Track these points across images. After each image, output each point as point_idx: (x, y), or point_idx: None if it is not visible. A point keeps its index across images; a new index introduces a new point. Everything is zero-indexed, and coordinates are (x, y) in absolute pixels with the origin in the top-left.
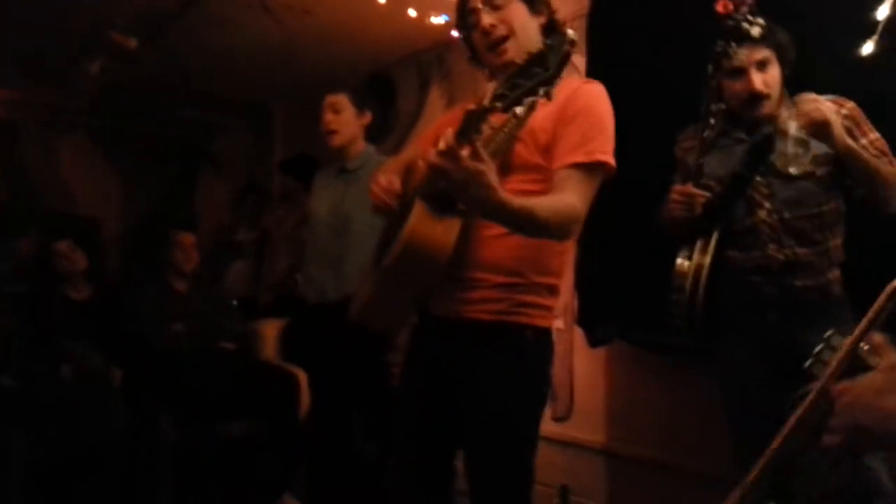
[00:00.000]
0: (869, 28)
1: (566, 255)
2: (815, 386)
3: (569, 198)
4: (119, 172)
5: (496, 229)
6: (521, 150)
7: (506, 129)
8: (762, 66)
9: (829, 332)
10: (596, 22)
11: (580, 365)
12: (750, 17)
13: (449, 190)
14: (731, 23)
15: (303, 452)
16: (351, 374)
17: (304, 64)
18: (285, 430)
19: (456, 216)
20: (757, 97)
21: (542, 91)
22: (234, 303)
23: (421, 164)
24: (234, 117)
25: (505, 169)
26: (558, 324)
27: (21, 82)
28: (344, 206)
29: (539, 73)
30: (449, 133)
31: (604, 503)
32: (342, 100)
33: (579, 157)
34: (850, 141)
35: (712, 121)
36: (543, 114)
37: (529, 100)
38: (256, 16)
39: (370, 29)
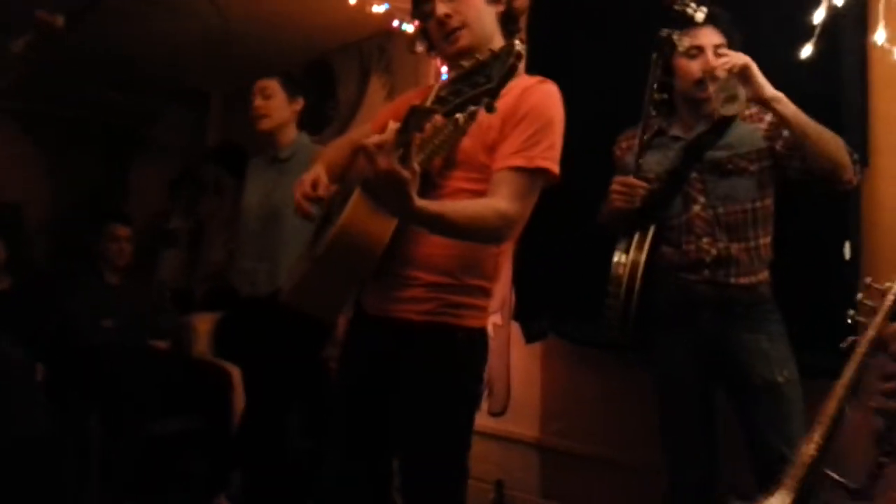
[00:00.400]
0: (806, 31)
1: (502, 257)
2: (866, 333)
3: (497, 202)
4: (45, 157)
5: None
6: (467, 146)
7: (445, 132)
8: (717, 50)
9: (868, 279)
10: (537, 15)
11: (517, 360)
12: (694, 4)
13: (373, 184)
14: (676, 8)
15: (237, 451)
16: (286, 369)
17: (243, 50)
18: (218, 428)
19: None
20: (711, 78)
21: (484, 101)
22: (167, 295)
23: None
24: (169, 103)
25: (449, 164)
26: (496, 319)
27: None
28: (275, 197)
29: (482, 82)
30: (391, 127)
31: (539, 497)
32: (272, 84)
33: (519, 161)
34: (773, 90)
35: (654, 112)
36: (490, 116)
37: (471, 108)
38: None
39: (311, 16)
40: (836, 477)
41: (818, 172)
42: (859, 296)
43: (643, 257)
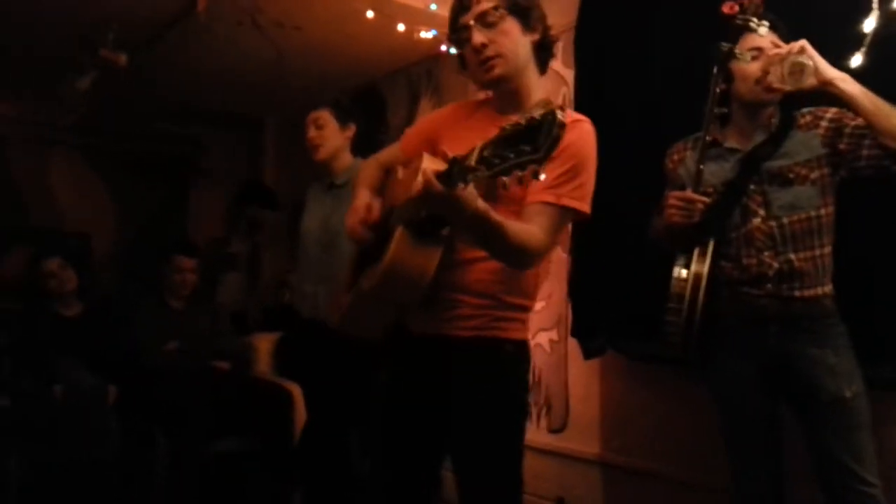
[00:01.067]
0: (857, 40)
1: (539, 278)
2: None
3: (535, 231)
4: (109, 188)
5: (471, 254)
6: (511, 186)
7: (486, 182)
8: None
9: None
10: (583, 35)
11: (575, 376)
12: (754, 19)
13: (432, 212)
14: (738, 21)
15: (298, 470)
16: (346, 388)
17: (295, 79)
18: (279, 447)
19: (437, 244)
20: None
21: (530, 168)
22: (227, 317)
23: (400, 175)
24: (224, 132)
25: (489, 198)
26: (552, 335)
27: (9, 97)
28: (333, 222)
29: (528, 151)
30: (429, 171)
31: None
32: (324, 115)
33: (549, 198)
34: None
35: (712, 126)
36: None
37: (517, 174)
38: (247, 32)
39: (359, 44)
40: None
41: (892, 150)
42: None
43: (705, 271)
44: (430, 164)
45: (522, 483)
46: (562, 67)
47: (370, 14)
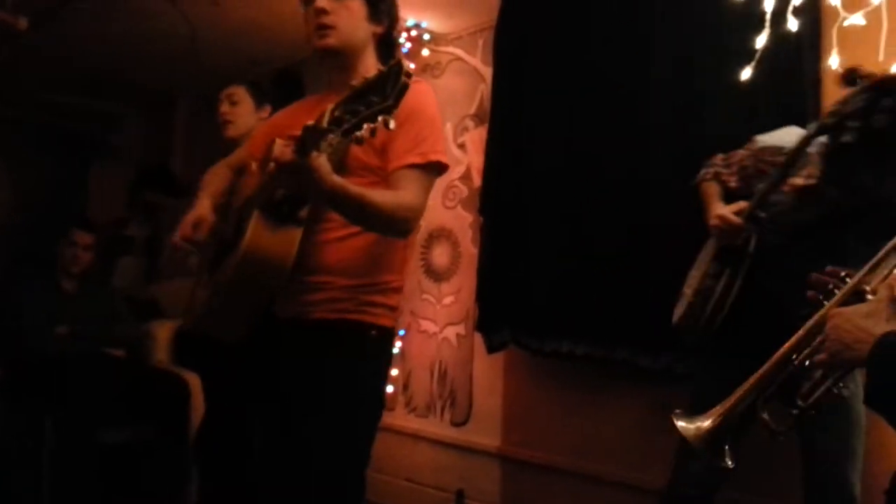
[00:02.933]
0: (748, 55)
1: (409, 251)
2: (818, 312)
3: (405, 195)
4: (3, 161)
5: (337, 233)
6: (358, 152)
7: (341, 146)
8: None
9: (843, 272)
10: (503, 33)
11: (479, 370)
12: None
13: (289, 191)
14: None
15: (194, 462)
16: (248, 377)
17: (210, 57)
18: (174, 438)
19: (296, 225)
20: None
21: (380, 119)
22: (124, 302)
23: (253, 168)
24: (133, 108)
25: (341, 170)
26: (458, 329)
27: None
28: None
29: (376, 101)
30: (281, 146)
31: None
32: (240, 91)
33: (414, 158)
34: None
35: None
36: None
37: (369, 126)
38: (161, 4)
39: (280, 25)
40: (765, 417)
41: None
42: None
43: (738, 281)
44: (282, 144)
45: (366, 467)
46: (480, 65)
47: None
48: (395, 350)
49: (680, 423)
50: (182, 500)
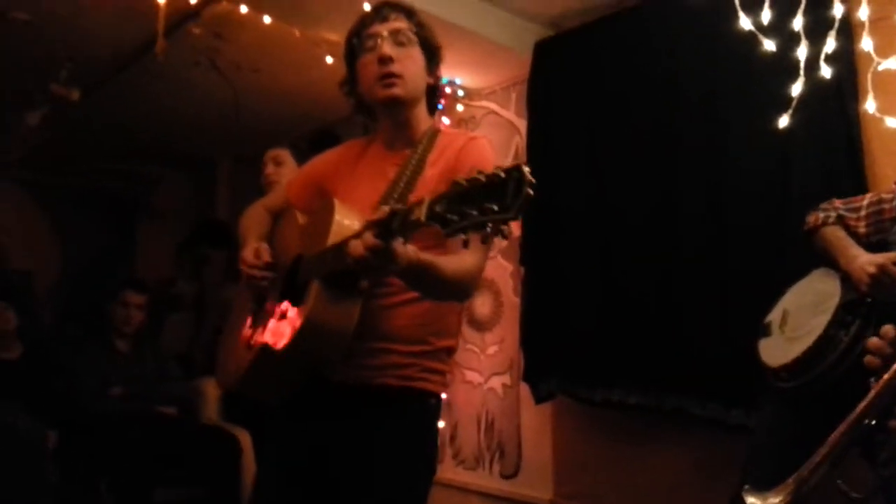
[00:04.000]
0: (785, 103)
1: (461, 316)
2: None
3: (468, 261)
4: (53, 225)
5: (397, 297)
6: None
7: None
8: None
9: None
10: (536, 87)
11: (527, 421)
12: None
13: (363, 271)
14: None
15: None
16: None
17: (251, 120)
18: (226, 496)
19: (357, 296)
20: None
21: (500, 229)
22: (174, 360)
23: (300, 220)
24: (176, 171)
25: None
26: (505, 380)
27: None
28: None
29: (494, 210)
30: (370, 237)
31: None
32: (284, 154)
33: None
34: None
35: None
36: (436, 173)
37: (485, 233)
38: (204, 73)
39: (317, 87)
40: (841, 484)
41: None
42: None
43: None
44: (344, 218)
45: None
46: (515, 117)
47: (329, 60)
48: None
49: (750, 500)
50: None
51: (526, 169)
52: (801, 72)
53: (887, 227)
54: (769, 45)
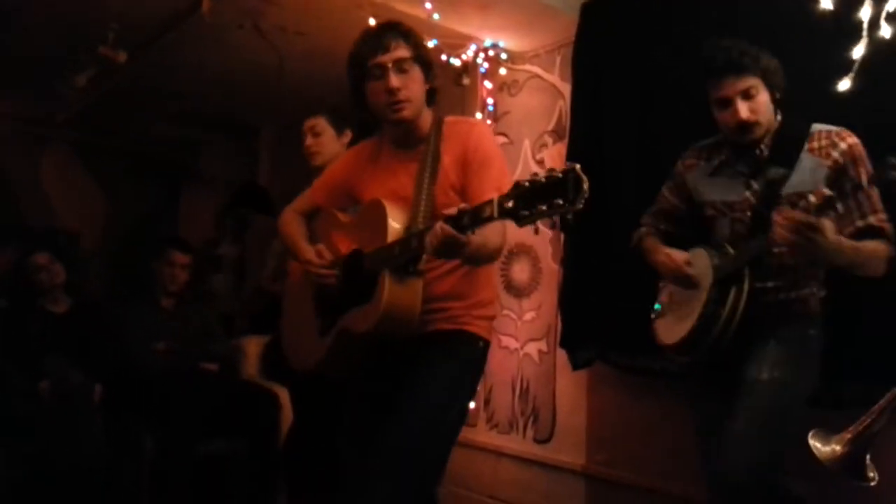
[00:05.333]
0: (846, 65)
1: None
2: None
3: (494, 233)
4: (101, 186)
5: (440, 269)
6: (442, 199)
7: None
8: (747, 95)
9: None
10: (581, 50)
11: (563, 387)
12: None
13: (437, 257)
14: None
15: (282, 472)
16: (334, 391)
17: (295, 84)
18: (265, 449)
19: (419, 277)
20: (744, 126)
21: (565, 217)
22: (217, 319)
23: (341, 218)
24: (220, 135)
25: (433, 217)
26: (541, 346)
27: (6, 94)
28: None
29: (560, 204)
30: (447, 227)
31: None
32: (320, 122)
33: (496, 195)
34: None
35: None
36: (450, 162)
37: (550, 221)
38: (249, 36)
39: None
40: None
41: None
42: None
43: (746, 286)
44: (395, 218)
45: (439, 473)
46: (559, 81)
47: (372, 21)
48: None
49: (814, 444)
50: None
51: (578, 167)
52: (864, 32)
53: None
54: (826, 2)
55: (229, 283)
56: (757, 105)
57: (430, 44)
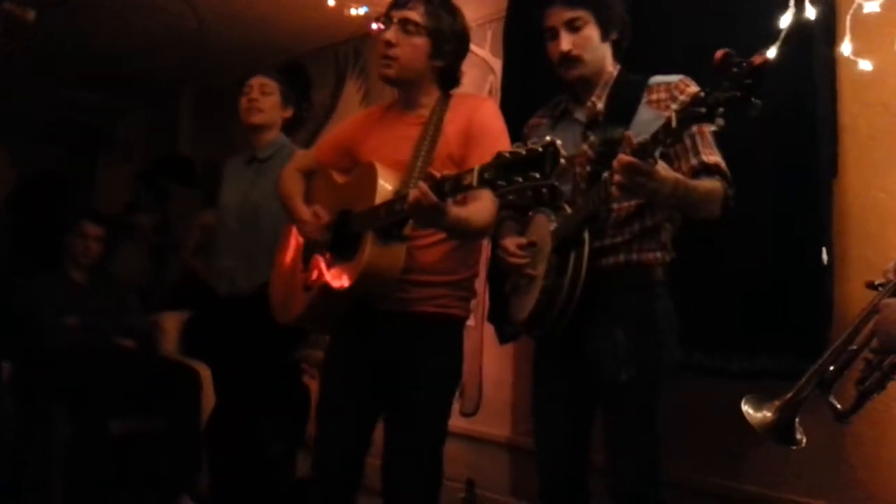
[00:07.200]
0: (772, 35)
1: (481, 248)
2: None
3: (485, 208)
4: (9, 154)
5: (428, 239)
6: (440, 168)
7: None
8: (572, 26)
9: None
10: (512, 25)
11: (489, 361)
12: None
13: (417, 220)
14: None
15: (203, 452)
16: (259, 369)
17: (215, 49)
18: (185, 428)
19: (403, 241)
20: (566, 59)
21: (542, 192)
22: (134, 292)
23: (337, 179)
24: (138, 102)
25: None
26: (470, 321)
27: None
28: (253, 196)
29: (537, 178)
30: (424, 189)
31: (509, 496)
32: (272, 83)
33: None
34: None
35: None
36: (453, 132)
37: (527, 193)
38: None
39: (286, 18)
40: (832, 399)
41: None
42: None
43: (586, 249)
44: (387, 181)
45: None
46: (489, 56)
47: None
48: None
49: (747, 409)
50: (192, 489)
51: (559, 143)
52: (792, 6)
53: None
54: None
55: (143, 253)
56: (582, 39)
57: (361, 10)
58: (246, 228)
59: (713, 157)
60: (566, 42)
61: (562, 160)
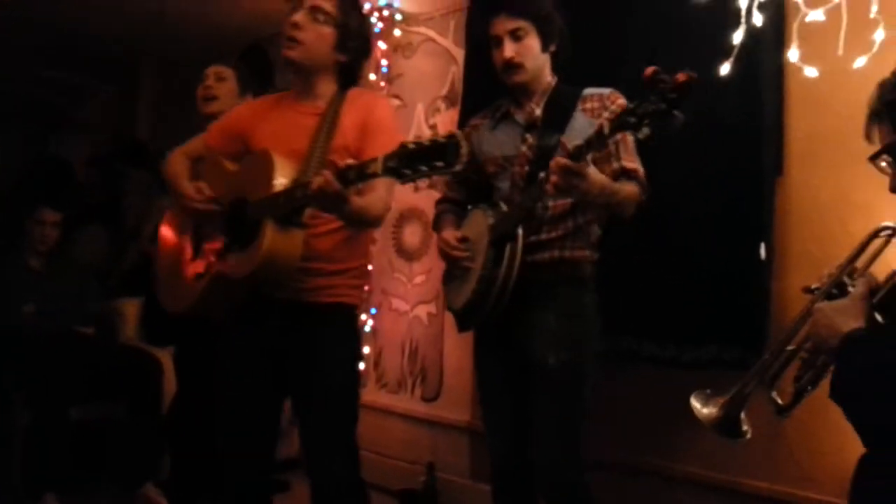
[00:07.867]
0: (726, 51)
1: (370, 237)
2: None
3: (380, 198)
4: None
5: (323, 228)
6: (336, 159)
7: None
8: (515, 35)
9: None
10: (475, 15)
11: (449, 348)
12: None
13: (320, 208)
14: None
15: (165, 439)
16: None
17: (177, 30)
18: (146, 415)
19: (302, 228)
20: (509, 65)
21: (439, 174)
22: (92, 278)
23: (227, 166)
24: (96, 79)
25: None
26: (430, 309)
27: None
28: None
29: (441, 166)
30: (329, 177)
31: (469, 479)
32: (228, 71)
33: None
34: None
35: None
36: (350, 125)
37: (428, 180)
38: None
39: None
40: (773, 394)
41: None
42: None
43: (519, 244)
44: (283, 169)
45: (357, 420)
46: (452, 46)
47: None
48: (367, 328)
49: (694, 405)
50: (153, 475)
51: (461, 134)
52: (743, 20)
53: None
54: None
55: (100, 236)
56: (524, 48)
57: None
58: None
59: (633, 163)
60: (509, 49)
61: (463, 150)
